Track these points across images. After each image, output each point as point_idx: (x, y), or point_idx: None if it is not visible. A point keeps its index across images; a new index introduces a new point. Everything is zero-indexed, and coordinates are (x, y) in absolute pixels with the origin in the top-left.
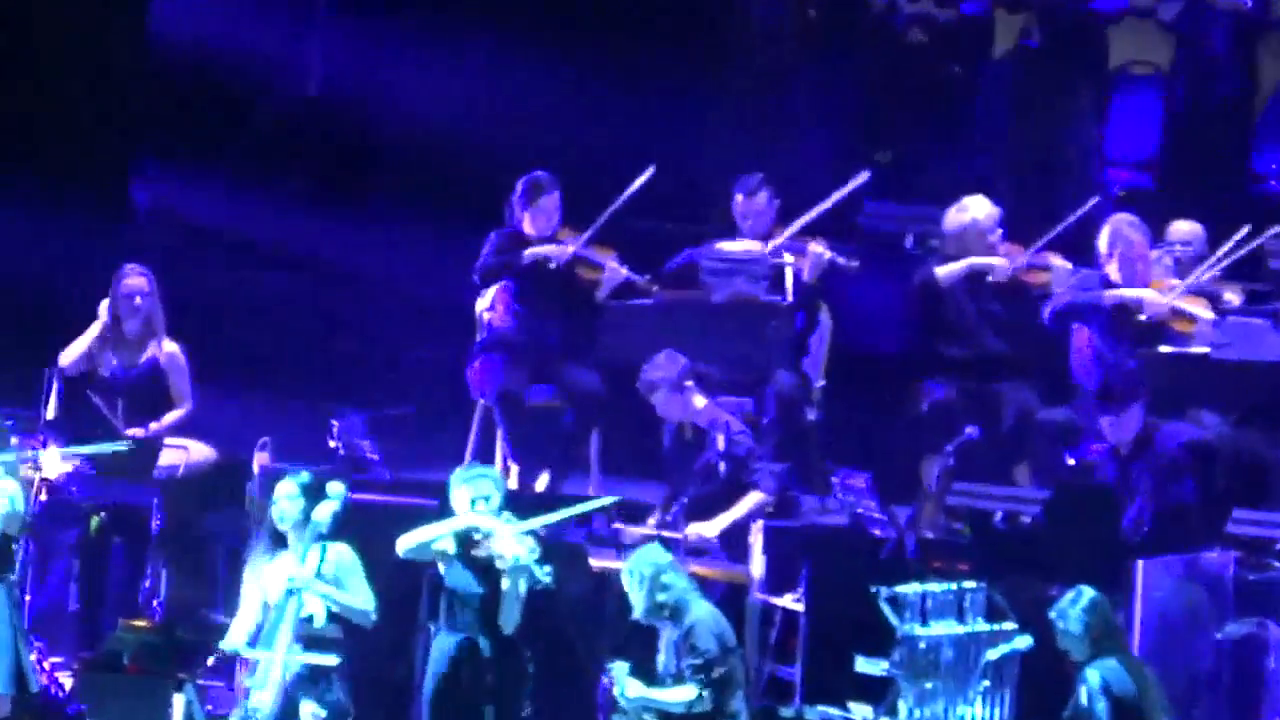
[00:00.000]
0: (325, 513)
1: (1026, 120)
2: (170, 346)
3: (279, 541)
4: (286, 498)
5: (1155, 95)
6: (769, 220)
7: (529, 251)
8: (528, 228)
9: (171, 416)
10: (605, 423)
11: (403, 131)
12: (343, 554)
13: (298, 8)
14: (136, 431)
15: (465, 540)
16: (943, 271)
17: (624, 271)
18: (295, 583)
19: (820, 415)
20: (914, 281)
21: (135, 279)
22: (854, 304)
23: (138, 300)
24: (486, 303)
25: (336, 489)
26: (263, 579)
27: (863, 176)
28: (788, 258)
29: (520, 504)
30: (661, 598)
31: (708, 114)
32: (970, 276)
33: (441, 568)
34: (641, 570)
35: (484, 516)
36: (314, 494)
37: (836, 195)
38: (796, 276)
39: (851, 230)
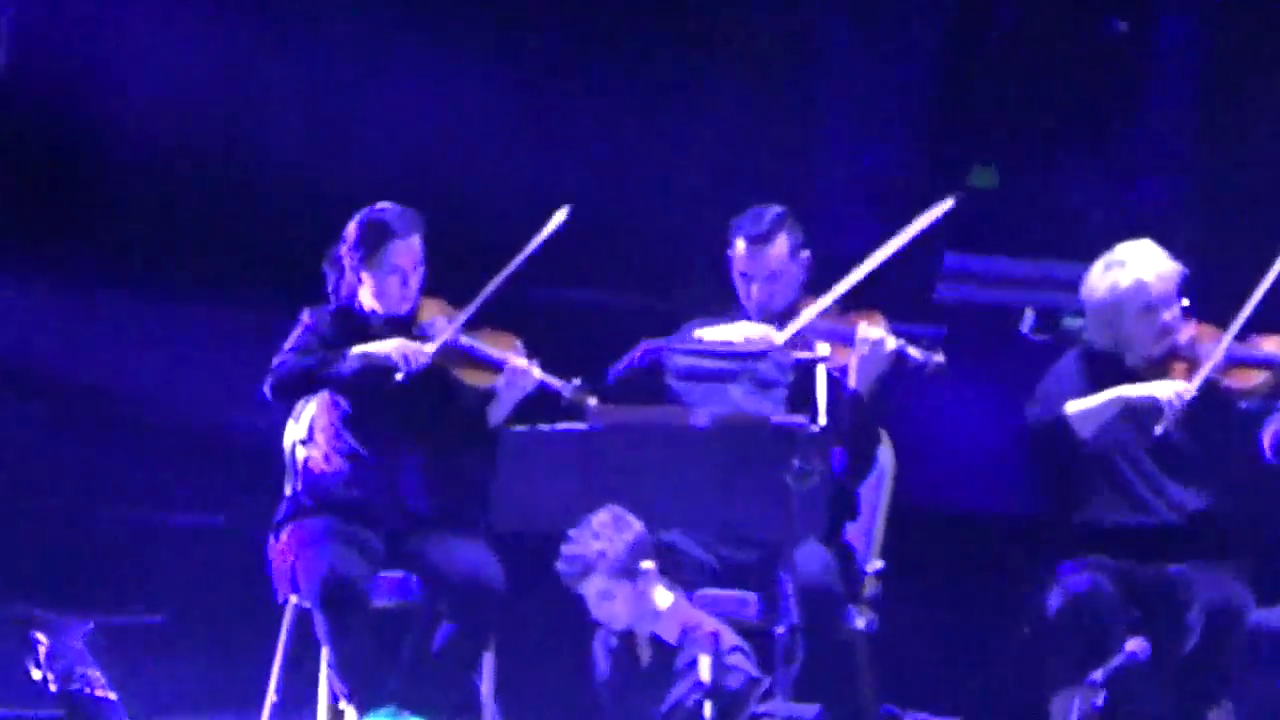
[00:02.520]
0: None
1: (1223, 119)
2: None
3: None
4: None
5: None
6: (793, 286)
7: (361, 352)
8: (366, 301)
9: None
10: (505, 635)
11: (144, 137)
12: None
13: None
14: None
15: None
16: (1077, 409)
17: (536, 374)
18: None
19: (874, 623)
20: (1033, 415)
21: None
22: (933, 431)
23: None
24: (301, 432)
25: None
26: None
27: (945, 205)
28: (821, 349)
29: None
30: None
31: (678, 108)
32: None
33: None
34: None
35: None
36: None
37: (901, 238)
38: (835, 383)
39: (926, 301)
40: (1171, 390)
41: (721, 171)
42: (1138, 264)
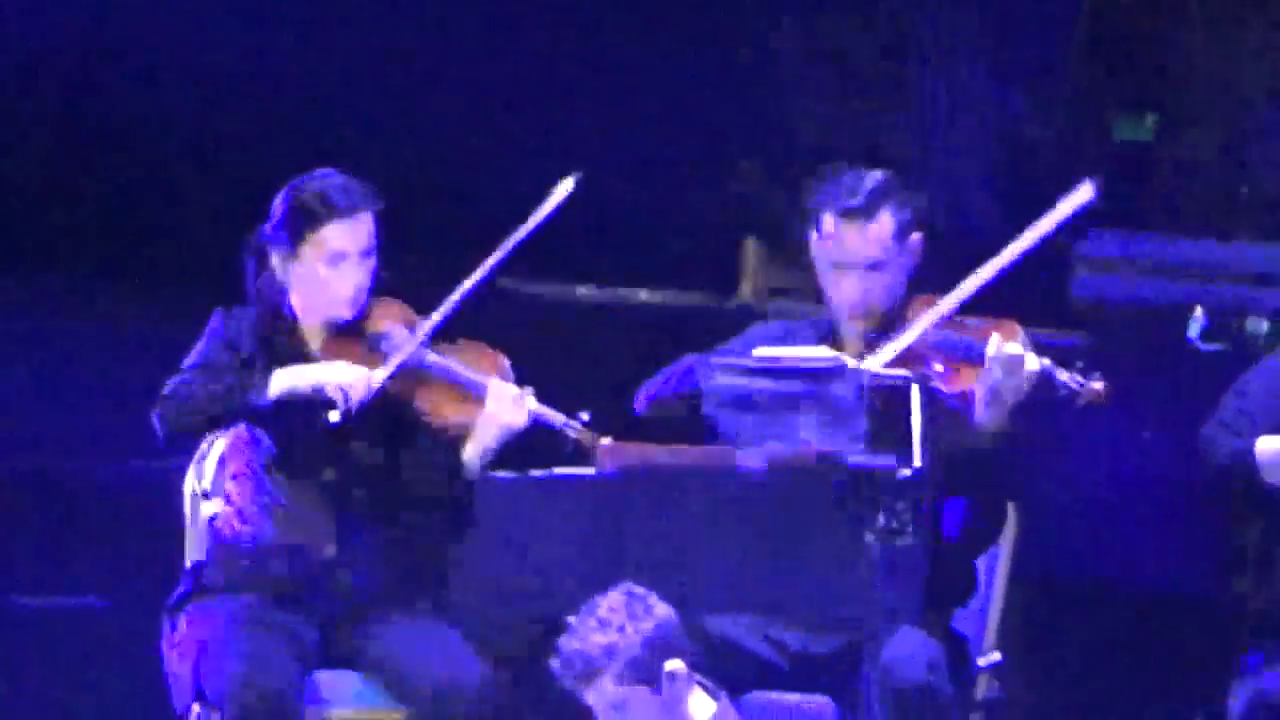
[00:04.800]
0: None
1: None
2: None
3: None
4: None
5: None
6: (899, 280)
7: (285, 378)
8: (298, 301)
9: None
10: None
11: None
12: None
13: None
14: None
15: None
16: (1270, 449)
17: (530, 406)
18: None
19: None
20: (1214, 448)
21: None
22: (1067, 477)
23: None
24: (206, 481)
25: None
26: None
27: (1084, 193)
28: (936, 368)
29: None
30: None
31: (726, 39)
32: None
33: None
34: None
35: None
36: None
37: (1042, 225)
38: (952, 411)
39: (1058, 297)
40: None
41: (785, 130)
42: None
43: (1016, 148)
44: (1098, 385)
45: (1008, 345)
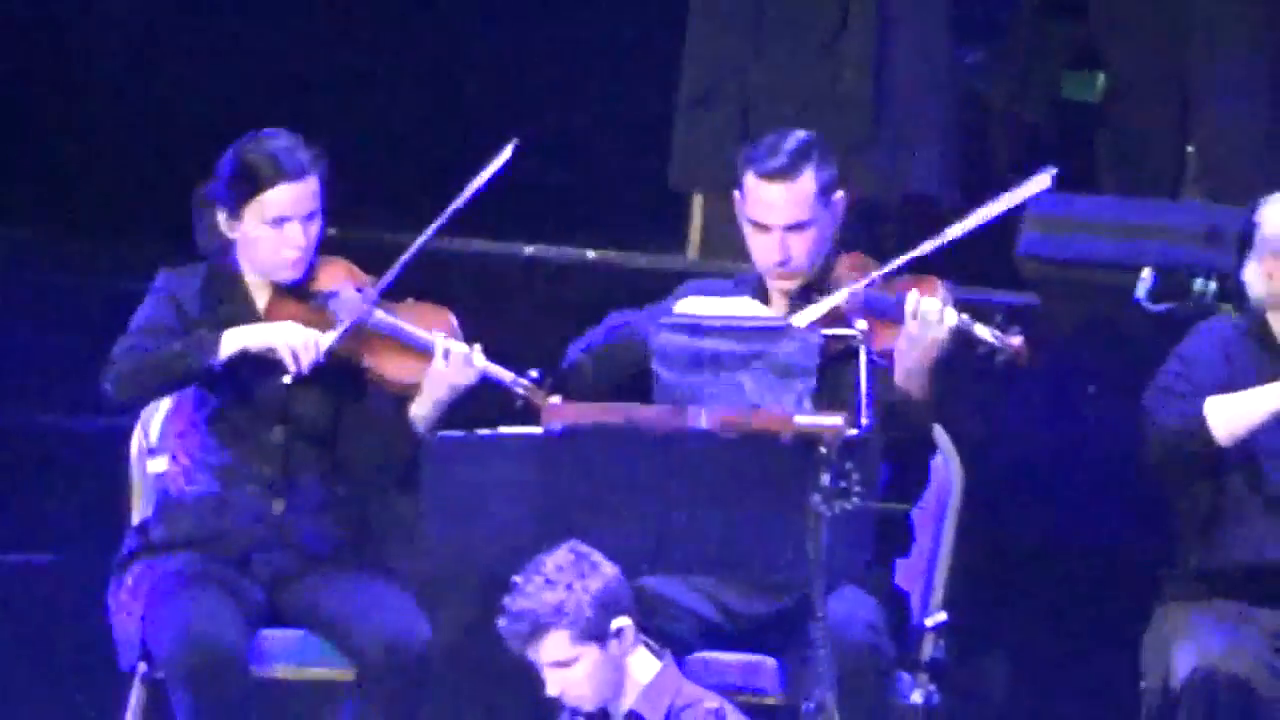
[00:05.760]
0: None
1: None
2: None
3: None
4: None
5: None
6: (821, 241)
7: (236, 340)
8: (245, 260)
9: None
10: (434, 715)
11: None
12: None
13: None
14: None
15: None
16: (1221, 413)
17: (478, 363)
18: None
19: (934, 695)
20: (1159, 410)
21: None
22: (1014, 438)
23: None
24: (153, 440)
25: None
26: None
27: (1042, 181)
28: (860, 326)
29: None
30: None
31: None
32: None
33: None
34: None
35: None
36: None
37: (980, 216)
38: (881, 372)
39: (1005, 257)
40: None
41: (736, 88)
42: None
43: (968, 106)
44: (1016, 341)
45: (926, 301)
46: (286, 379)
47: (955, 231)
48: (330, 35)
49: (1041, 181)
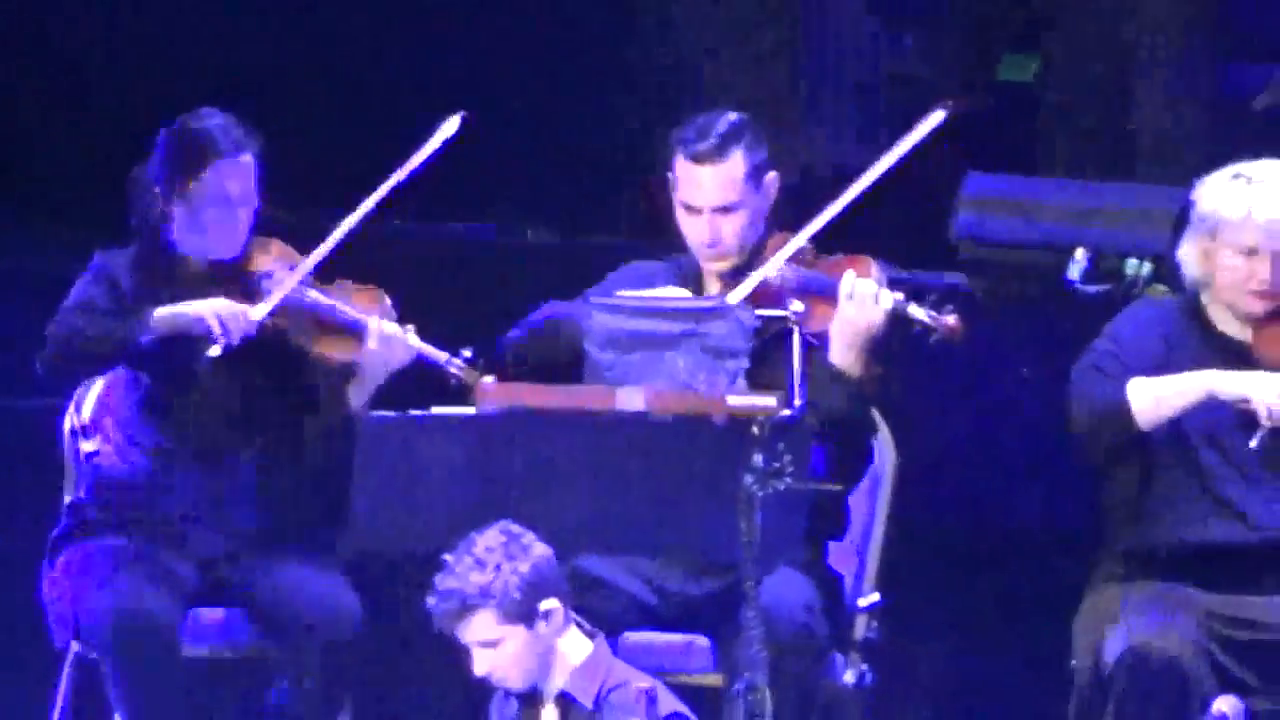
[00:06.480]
0: None
1: None
2: None
3: None
4: None
5: None
6: (754, 223)
7: (166, 314)
8: (181, 240)
9: None
10: (364, 694)
11: None
12: None
13: None
14: None
15: None
16: (1143, 393)
17: (411, 343)
18: None
19: (867, 675)
20: (1086, 391)
21: None
22: (948, 419)
23: None
24: (86, 419)
25: None
26: None
27: (936, 117)
28: (795, 307)
29: None
30: None
31: None
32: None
33: None
34: None
35: None
36: None
37: (887, 160)
38: (815, 352)
39: (939, 239)
40: (1275, 393)
41: (663, 70)
42: (1271, 186)
43: (903, 89)
44: (951, 320)
45: (861, 281)
46: (215, 350)
47: (863, 182)
48: (264, 16)
49: (935, 118)
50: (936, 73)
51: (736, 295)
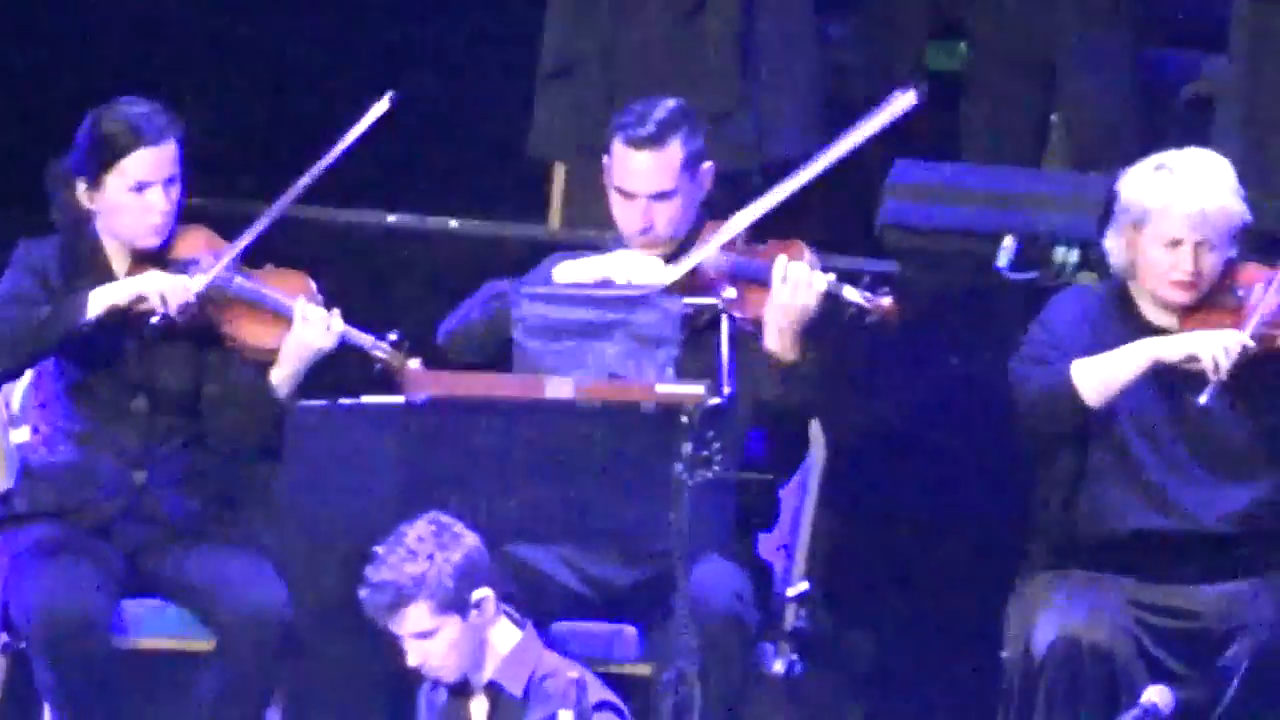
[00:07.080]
0: None
1: None
2: None
3: None
4: None
5: None
6: (688, 210)
7: (103, 294)
8: (104, 230)
9: None
10: (294, 685)
11: None
12: None
13: None
14: None
15: None
16: (1088, 371)
17: (337, 327)
18: None
19: (796, 664)
20: (1026, 377)
21: None
22: (877, 406)
23: None
24: (15, 408)
25: None
26: None
27: (907, 99)
28: (729, 293)
29: None
30: None
31: None
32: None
33: None
34: None
35: None
36: None
37: (843, 144)
38: (747, 338)
39: (868, 225)
40: (1219, 345)
41: (584, 54)
42: (1193, 177)
43: (833, 76)
44: (886, 301)
45: (794, 265)
46: (155, 320)
47: (823, 162)
48: (188, 2)
49: (907, 99)
50: (864, 60)
51: (671, 276)
